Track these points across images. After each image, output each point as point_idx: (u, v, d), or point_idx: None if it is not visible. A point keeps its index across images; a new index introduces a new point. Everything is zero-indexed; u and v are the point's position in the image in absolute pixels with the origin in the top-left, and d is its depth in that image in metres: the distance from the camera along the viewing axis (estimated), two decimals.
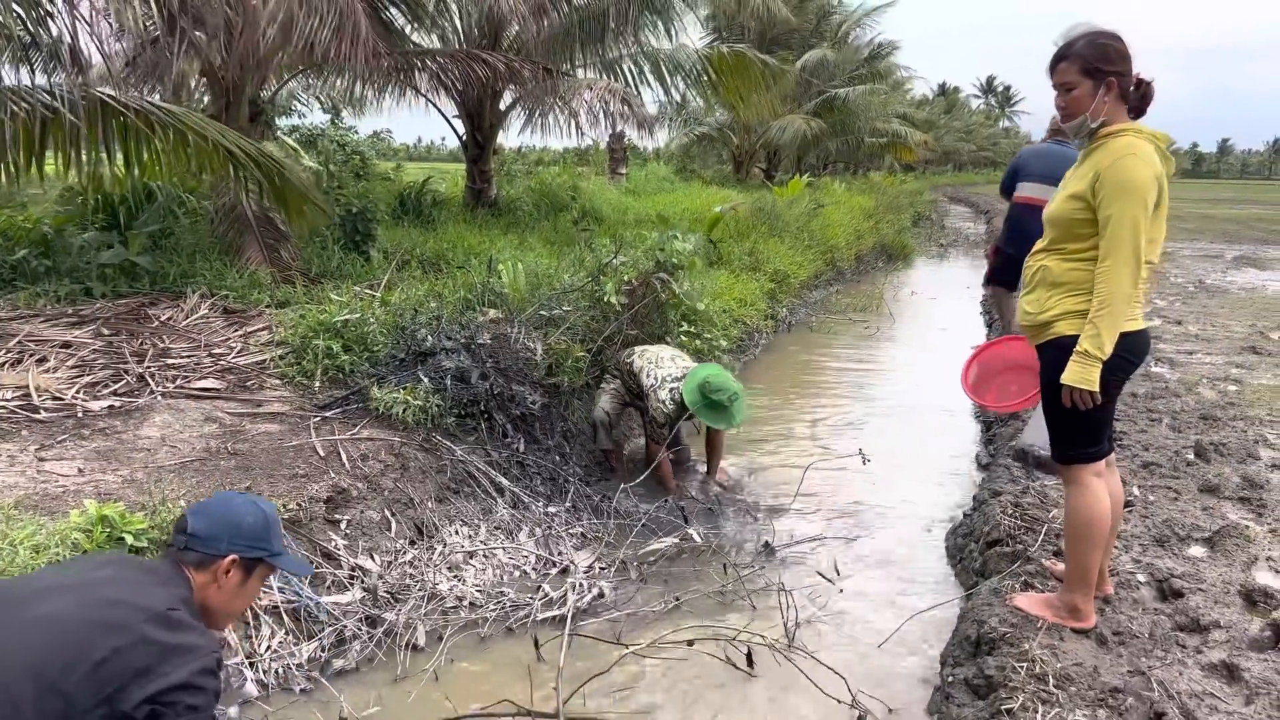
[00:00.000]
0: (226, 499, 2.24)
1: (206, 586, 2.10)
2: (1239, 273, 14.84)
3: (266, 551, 2.19)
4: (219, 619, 2.19)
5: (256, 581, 2.21)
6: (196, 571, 2.10)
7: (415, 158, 70.47)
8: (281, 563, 2.25)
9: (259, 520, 2.19)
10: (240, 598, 2.19)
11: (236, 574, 2.14)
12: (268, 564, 2.21)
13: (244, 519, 2.16)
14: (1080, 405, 2.97)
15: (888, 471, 5.91)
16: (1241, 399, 6.36)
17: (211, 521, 2.13)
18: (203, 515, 2.15)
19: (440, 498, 4.54)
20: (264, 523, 2.20)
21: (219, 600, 2.13)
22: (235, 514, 2.16)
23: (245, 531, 2.15)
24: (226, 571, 2.11)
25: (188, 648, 1.87)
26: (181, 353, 5.31)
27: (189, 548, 2.10)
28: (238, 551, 2.13)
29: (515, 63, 9.62)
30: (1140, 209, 2.85)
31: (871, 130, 28.33)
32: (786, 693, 3.42)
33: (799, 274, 12.11)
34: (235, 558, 2.12)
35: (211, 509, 2.17)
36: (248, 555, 2.15)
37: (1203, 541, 4.01)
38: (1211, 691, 2.86)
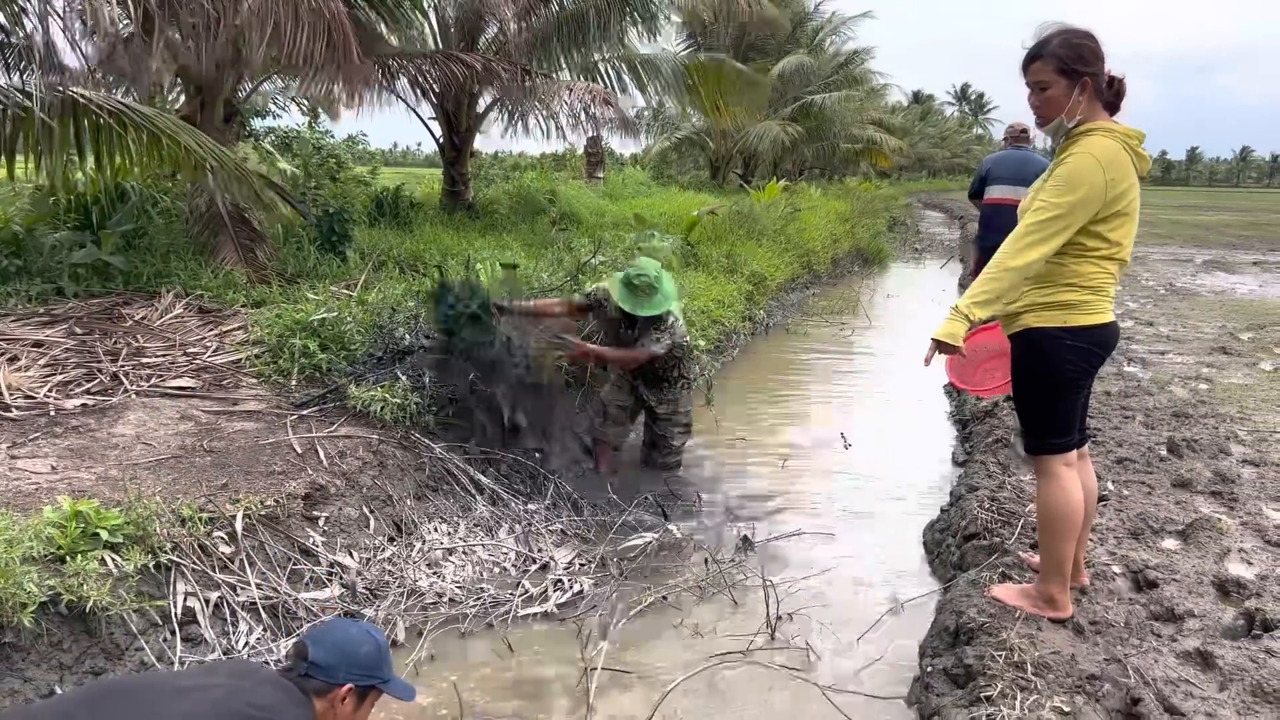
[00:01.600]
0: (343, 628, 2.37)
1: (326, 713, 2.22)
2: (1209, 276, 15.05)
3: (379, 680, 2.32)
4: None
5: (368, 707, 2.34)
6: (317, 698, 2.21)
7: (391, 162, 70.15)
8: (391, 689, 2.37)
9: (373, 650, 2.32)
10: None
11: (351, 701, 2.26)
12: (379, 689, 2.34)
13: (360, 649, 2.29)
14: (942, 354, 3.04)
15: (866, 468, 5.95)
16: (1212, 397, 6.45)
17: (329, 652, 2.25)
18: (321, 645, 2.27)
19: (419, 495, 4.52)
20: (377, 652, 2.33)
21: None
22: (352, 645, 2.29)
23: (361, 661, 2.28)
24: (343, 699, 2.24)
25: None
26: (156, 352, 5.26)
27: (309, 675, 2.21)
28: (354, 681, 2.25)
29: (493, 63, 9.61)
30: (1070, 198, 2.87)
31: (847, 136, 28.59)
32: (770, 686, 3.43)
33: (776, 277, 12.15)
34: (352, 687, 2.24)
35: (330, 639, 2.30)
36: (363, 684, 2.27)
37: (1176, 534, 4.06)
38: (1186, 678, 2.90)
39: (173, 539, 3.35)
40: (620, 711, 3.25)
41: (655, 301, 5.04)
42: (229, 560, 3.51)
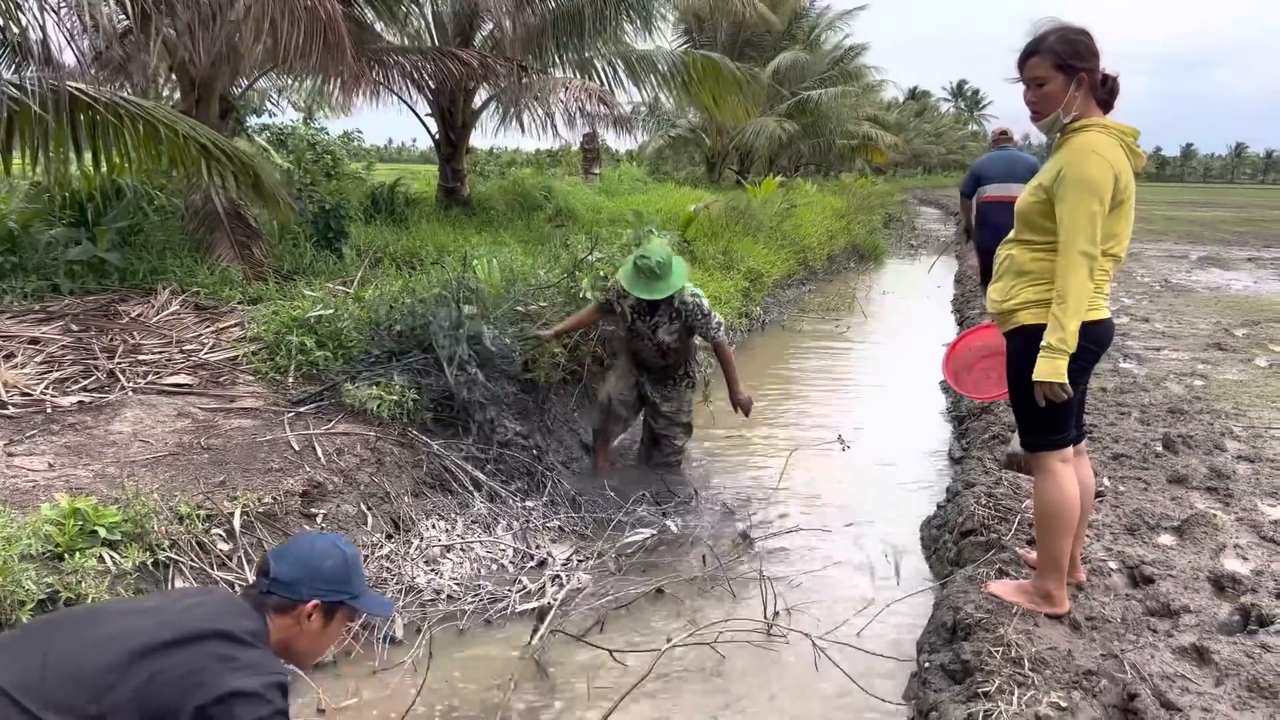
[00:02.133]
0: (309, 541, 2.23)
1: (289, 630, 2.11)
2: (1204, 272, 15.09)
3: (348, 595, 2.19)
4: (301, 660, 2.21)
5: (338, 624, 2.21)
6: (279, 615, 2.09)
7: (386, 159, 69.97)
8: (362, 604, 2.24)
9: (340, 564, 2.18)
10: (322, 640, 2.20)
11: (318, 618, 2.14)
12: (349, 606, 2.21)
13: (325, 563, 2.16)
14: (1054, 399, 3.01)
15: (863, 464, 5.97)
16: (1208, 393, 6.47)
17: (293, 566, 2.13)
18: (285, 559, 2.14)
19: (417, 492, 4.52)
20: (345, 566, 2.19)
21: (301, 644, 2.14)
22: (317, 558, 2.16)
23: (326, 575, 2.15)
24: (309, 616, 2.12)
25: (250, 663, 1.87)
26: (152, 349, 5.25)
27: (271, 591, 2.10)
28: (319, 596, 2.13)
29: (489, 59, 9.60)
30: (1095, 204, 2.89)
31: (843, 132, 28.59)
32: (768, 681, 3.44)
33: (772, 273, 12.17)
34: (317, 603, 2.12)
35: (293, 553, 2.17)
36: (329, 599, 2.15)
37: (1172, 530, 4.08)
38: (1183, 673, 2.91)
39: (170, 536, 3.35)
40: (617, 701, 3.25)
41: (662, 285, 5.01)
42: (227, 557, 3.51)
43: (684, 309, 5.23)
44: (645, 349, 5.39)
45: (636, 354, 5.49)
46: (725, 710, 3.27)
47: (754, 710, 3.27)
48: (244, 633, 1.95)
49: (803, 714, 3.25)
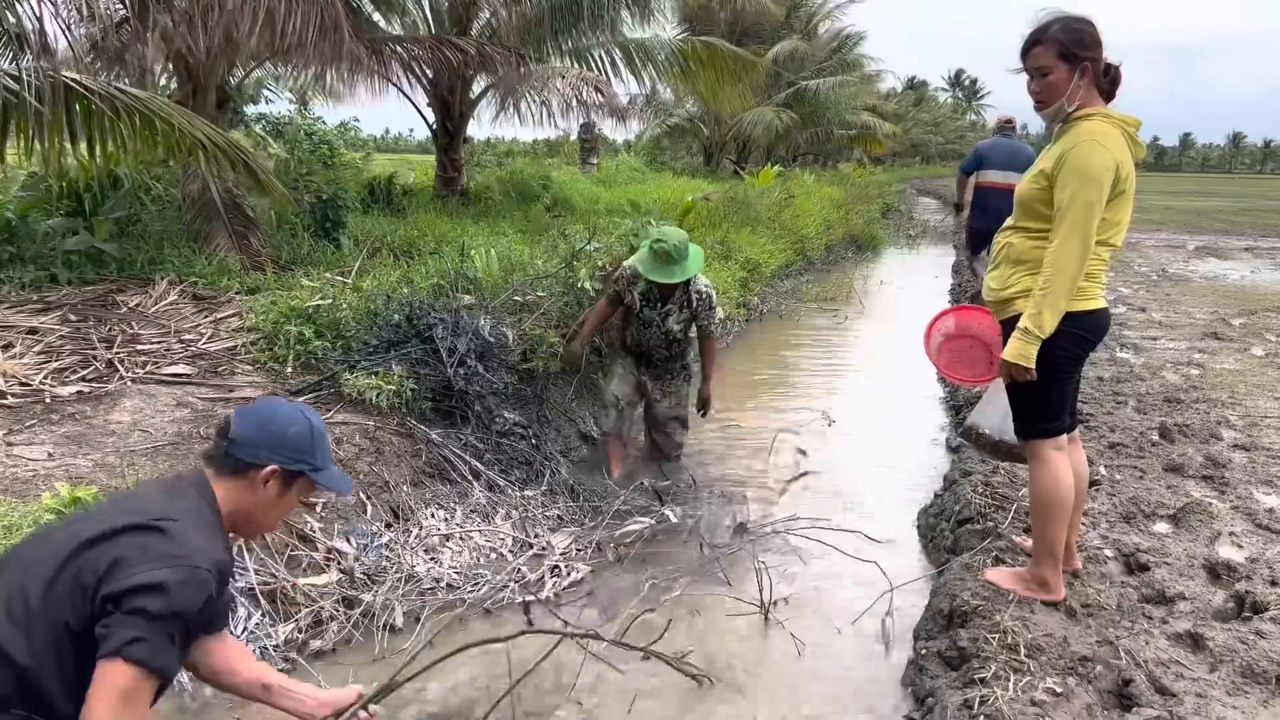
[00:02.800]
0: (273, 405, 2.14)
1: (242, 493, 2.02)
2: (1201, 262, 15.10)
3: (309, 465, 2.09)
4: (250, 528, 2.14)
5: (294, 495, 2.12)
6: (233, 479, 2.01)
7: (384, 149, 69.81)
8: (323, 478, 2.14)
9: (305, 431, 2.08)
10: (276, 509, 2.11)
11: (275, 485, 2.05)
12: (309, 478, 2.11)
13: (289, 429, 2.06)
14: (1017, 379, 3.04)
15: (860, 453, 5.99)
16: (1204, 382, 6.49)
17: (255, 428, 2.03)
18: (247, 420, 2.05)
19: (416, 481, 4.53)
20: (309, 435, 2.09)
21: (253, 508, 2.05)
22: (280, 423, 2.06)
23: (290, 441, 2.05)
24: (265, 481, 2.03)
25: (165, 552, 1.81)
26: (151, 339, 5.25)
27: (229, 453, 2.01)
28: (279, 462, 2.03)
29: (487, 48, 9.57)
30: (1095, 194, 2.90)
31: (841, 122, 28.55)
32: (766, 669, 3.46)
33: (770, 263, 12.17)
34: (275, 468, 2.03)
35: (256, 414, 2.08)
36: (289, 467, 2.05)
37: (1168, 518, 4.10)
38: (1177, 660, 2.93)
39: None
40: (616, 693, 3.27)
41: (679, 270, 4.97)
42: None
43: (697, 298, 5.21)
44: (651, 338, 5.31)
45: (638, 346, 5.42)
46: (723, 698, 3.28)
47: (751, 698, 3.29)
48: (176, 513, 1.89)
49: (800, 701, 3.26)
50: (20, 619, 1.76)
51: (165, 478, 2.06)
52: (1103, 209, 2.93)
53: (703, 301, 5.22)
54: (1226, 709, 2.64)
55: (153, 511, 1.89)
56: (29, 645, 1.75)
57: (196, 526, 1.91)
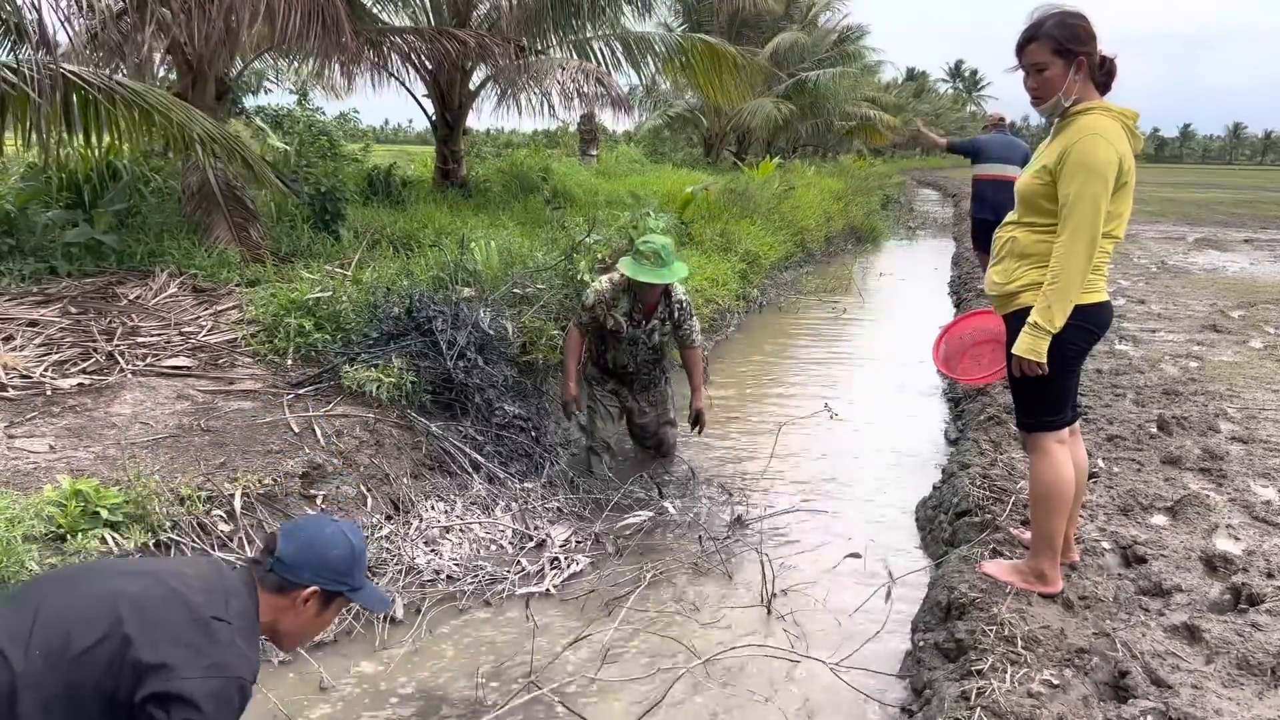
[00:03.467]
0: (319, 526, 2.18)
1: (284, 611, 2.07)
2: (1200, 254, 15.10)
3: (348, 586, 2.15)
4: (288, 642, 2.18)
5: (333, 612, 2.18)
6: (275, 594, 2.06)
7: (383, 140, 69.64)
8: (360, 598, 2.20)
9: (346, 554, 2.14)
10: (314, 626, 2.17)
11: (315, 604, 2.10)
12: (346, 597, 2.17)
13: (331, 552, 2.11)
14: (1028, 374, 3.05)
15: (859, 445, 6.00)
16: (1202, 375, 6.50)
17: (300, 549, 2.08)
18: (293, 540, 2.10)
19: (416, 474, 4.55)
20: (351, 557, 2.15)
21: (292, 626, 2.11)
22: (324, 545, 2.11)
23: (331, 564, 2.10)
24: (305, 601, 2.08)
25: (214, 660, 1.83)
26: (151, 331, 5.26)
27: (273, 570, 2.06)
28: (320, 584, 2.09)
29: (486, 39, 9.55)
30: (1100, 188, 2.91)
31: (841, 114, 28.50)
32: (766, 660, 3.48)
33: (770, 255, 12.17)
34: (317, 590, 2.08)
35: (302, 535, 2.12)
36: (329, 589, 2.11)
37: (1165, 510, 4.11)
38: (1174, 651, 2.94)
39: (172, 518, 3.38)
40: (615, 685, 3.29)
41: (668, 271, 4.91)
42: (228, 538, 3.54)
43: (678, 307, 5.17)
44: (639, 354, 5.22)
45: (622, 368, 5.28)
46: (722, 689, 3.30)
47: (748, 691, 3.30)
48: (232, 616, 1.92)
49: (797, 693, 3.29)
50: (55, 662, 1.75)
51: (215, 561, 2.12)
52: (1108, 202, 2.94)
53: (684, 310, 5.18)
54: (1222, 700, 2.65)
55: (209, 604, 1.90)
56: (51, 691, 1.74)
57: (245, 634, 1.94)
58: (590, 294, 5.13)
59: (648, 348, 5.21)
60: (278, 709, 2.99)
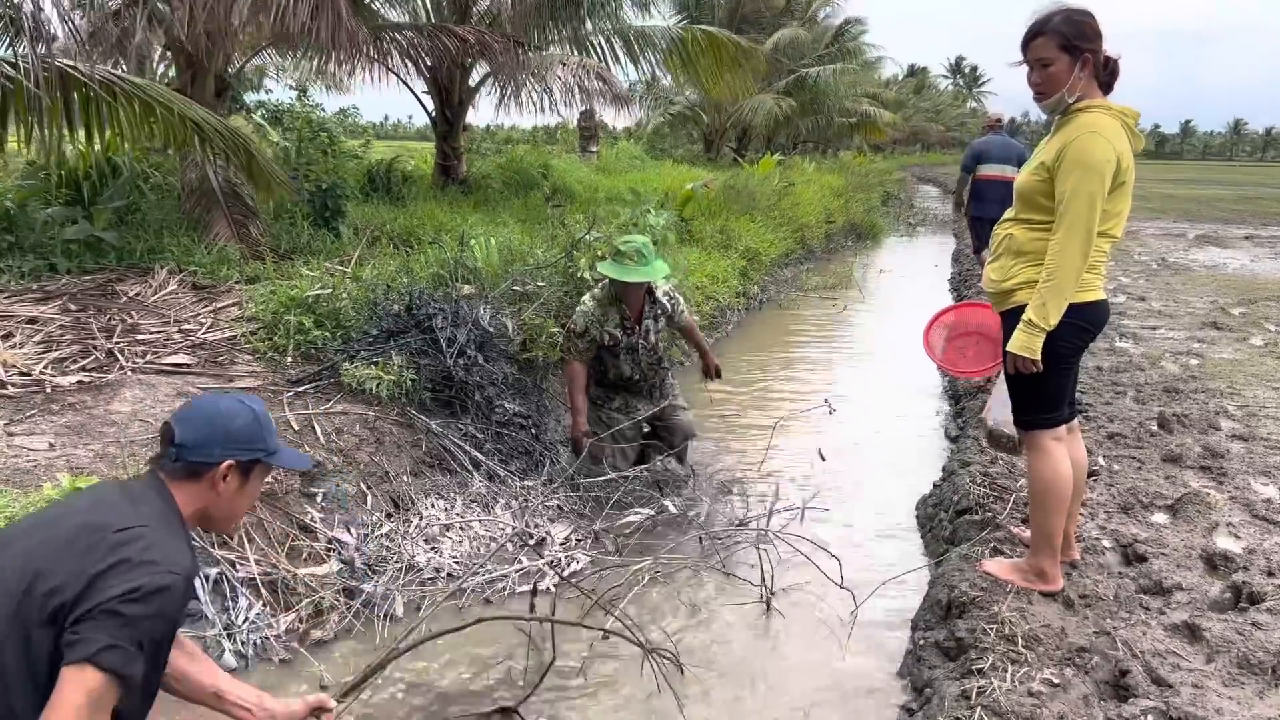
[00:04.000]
0: (212, 401, 2.09)
1: (204, 495, 2.00)
2: (1201, 251, 15.08)
3: (263, 451, 2.07)
4: (218, 524, 2.11)
5: (256, 481, 2.11)
6: (190, 482, 1.99)
7: (383, 136, 69.60)
8: (279, 460, 2.13)
9: (250, 421, 2.05)
10: (241, 500, 2.09)
11: (234, 478, 2.03)
12: (265, 463, 2.10)
13: (234, 422, 2.03)
14: (1024, 371, 3.05)
15: (859, 443, 6.00)
16: (1203, 372, 6.50)
17: (199, 429, 1.99)
18: (189, 423, 2.00)
19: (416, 471, 4.54)
20: (256, 422, 2.07)
21: (220, 508, 2.04)
22: (224, 418, 2.02)
23: (237, 434, 2.02)
24: (224, 478, 2.01)
25: (137, 562, 1.78)
26: (151, 328, 5.25)
27: (179, 459, 1.98)
28: (233, 456, 2.01)
29: (486, 35, 9.54)
30: (1097, 185, 2.90)
31: (841, 110, 28.44)
32: (765, 658, 3.48)
33: (770, 252, 12.16)
34: (232, 463, 2.01)
35: (198, 415, 2.03)
36: (244, 458, 2.03)
37: (1165, 508, 4.11)
38: (1174, 650, 2.94)
39: None
40: (615, 683, 3.29)
41: (650, 269, 4.85)
42: (227, 537, 3.53)
43: (667, 300, 5.16)
44: (641, 360, 5.14)
45: (628, 379, 5.19)
46: (721, 688, 3.30)
47: (750, 688, 3.31)
48: (146, 520, 1.87)
49: (798, 691, 3.28)
50: None
51: (120, 480, 2.02)
52: (1105, 201, 2.94)
53: (673, 301, 5.19)
54: (1223, 699, 2.65)
55: (122, 519, 1.86)
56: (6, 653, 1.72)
57: (166, 533, 1.90)
58: (579, 318, 4.99)
59: (648, 350, 5.13)
60: None
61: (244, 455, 2.03)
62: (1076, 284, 2.98)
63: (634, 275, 4.85)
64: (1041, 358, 3.06)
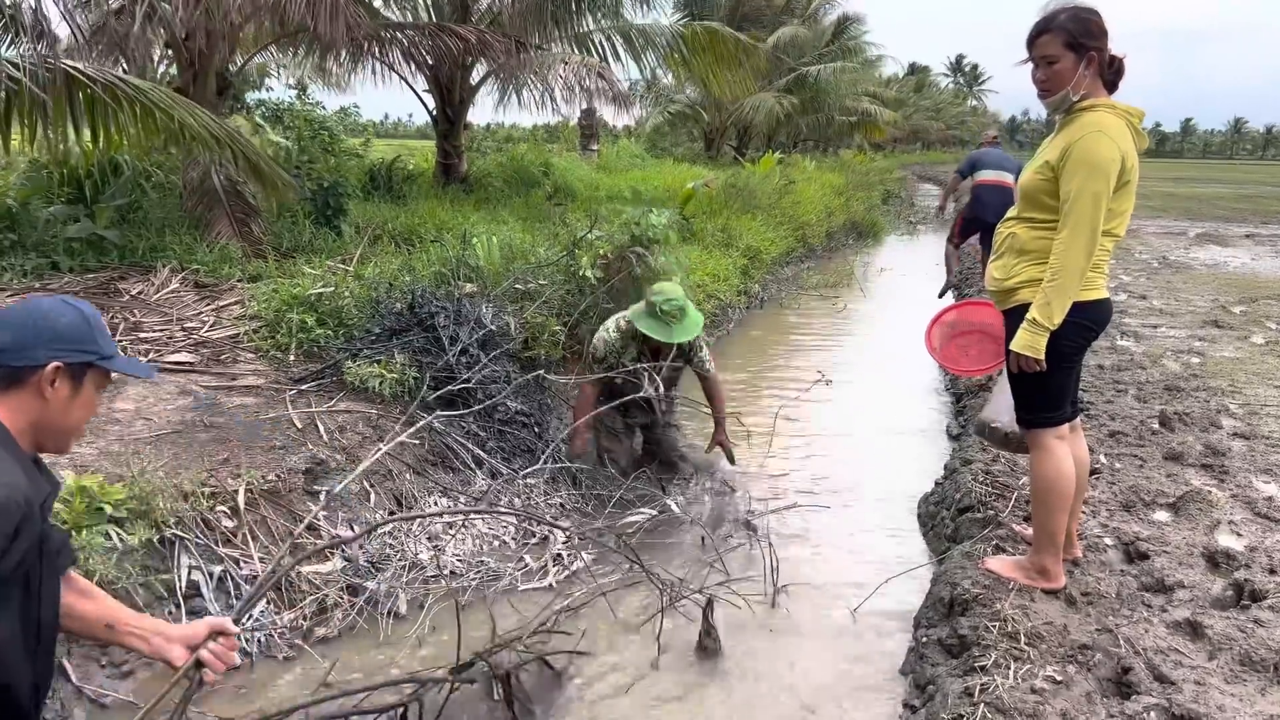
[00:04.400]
0: (33, 302, 1.88)
1: (30, 404, 1.79)
2: (1201, 249, 15.09)
3: (95, 354, 1.85)
4: (54, 439, 1.88)
5: (91, 391, 1.88)
6: (12, 391, 1.78)
7: (383, 134, 69.55)
8: (116, 365, 1.90)
9: (77, 320, 1.85)
10: (75, 411, 1.86)
11: (64, 384, 1.81)
12: (99, 369, 1.87)
13: (59, 320, 1.82)
14: (1026, 370, 3.06)
15: (861, 442, 6.00)
16: (1204, 370, 6.50)
17: (19, 330, 1.80)
18: (7, 325, 1.80)
19: (419, 469, 4.55)
20: (84, 322, 1.86)
21: (51, 419, 1.83)
22: (47, 317, 1.82)
23: (64, 333, 1.81)
24: (52, 383, 1.79)
25: None
26: (153, 326, 5.26)
27: None
28: (60, 357, 1.79)
29: (487, 35, 9.54)
30: (1102, 185, 2.91)
31: (842, 108, 28.41)
32: (769, 655, 3.48)
33: (771, 250, 12.16)
34: (59, 365, 1.79)
35: (16, 316, 1.82)
36: (72, 360, 1.81)
37: (1167, 506, 4.12)
38: (1176, 648, 2.95)
39: (176, 513, 3.38)
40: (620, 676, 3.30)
41: (685, 327, 4.71)
42: (232, 534, 3.54)
43: (688, 345, 4.92)
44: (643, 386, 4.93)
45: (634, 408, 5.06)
46: (725, 686, 3.31)
47: (752, 686, 3.31)
48: None
49: (801, 689, 3.29)
50: None
51: None
52: (1109, 200, 2.94)
53: (694, 347, 4.97)
54: (1225, 697, 2.66)
55: None
56: None
57: None
58: (600, 346, 4.92)
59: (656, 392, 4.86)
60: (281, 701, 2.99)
61: (72, 357, 1.82)
62: (1081, 283, 2.99)
63: (679, 336, 4.69)
64: (1046, 356, 3.06)
